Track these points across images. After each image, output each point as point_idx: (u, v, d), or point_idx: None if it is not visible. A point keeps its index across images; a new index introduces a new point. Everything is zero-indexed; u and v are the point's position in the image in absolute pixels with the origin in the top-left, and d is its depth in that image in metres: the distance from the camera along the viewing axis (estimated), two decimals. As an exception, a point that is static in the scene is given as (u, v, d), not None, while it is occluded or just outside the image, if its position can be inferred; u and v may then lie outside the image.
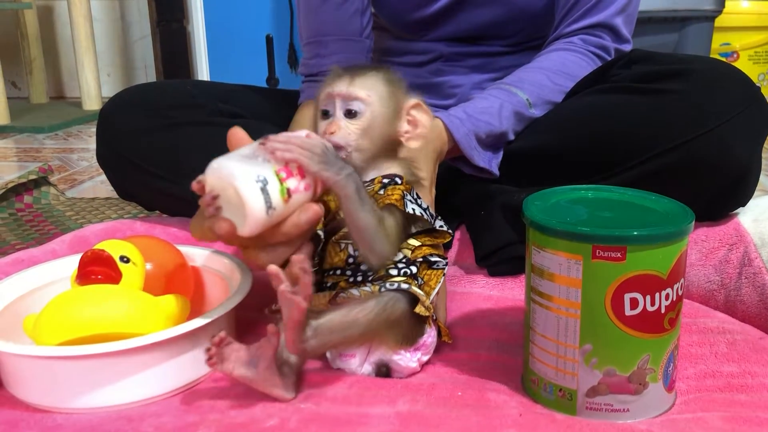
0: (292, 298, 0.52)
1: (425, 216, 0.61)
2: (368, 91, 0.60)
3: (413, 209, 0.60)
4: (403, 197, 0.59)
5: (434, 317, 0.63)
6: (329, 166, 0.55)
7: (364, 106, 0.60)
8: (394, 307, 0.57)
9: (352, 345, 0.60)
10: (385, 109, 0.60)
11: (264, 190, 0.53)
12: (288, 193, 0.54)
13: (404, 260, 0.61)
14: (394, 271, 0.60)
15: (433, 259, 0.62)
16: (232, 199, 0.54)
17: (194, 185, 0.56)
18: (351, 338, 0.58)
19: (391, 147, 0.62)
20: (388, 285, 0.59)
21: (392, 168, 0.62)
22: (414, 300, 0.59)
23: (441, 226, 0.64)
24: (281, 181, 0.54)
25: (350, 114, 0.60)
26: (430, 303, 0.61)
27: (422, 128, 0.62)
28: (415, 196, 0.62)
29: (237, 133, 0.59)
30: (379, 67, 0.63)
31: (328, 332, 0.56)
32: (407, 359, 0.61)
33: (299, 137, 0.56)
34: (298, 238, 0.57)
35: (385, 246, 0.57)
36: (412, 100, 0.62)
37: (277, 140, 0.55)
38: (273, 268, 0.52)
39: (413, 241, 0.62)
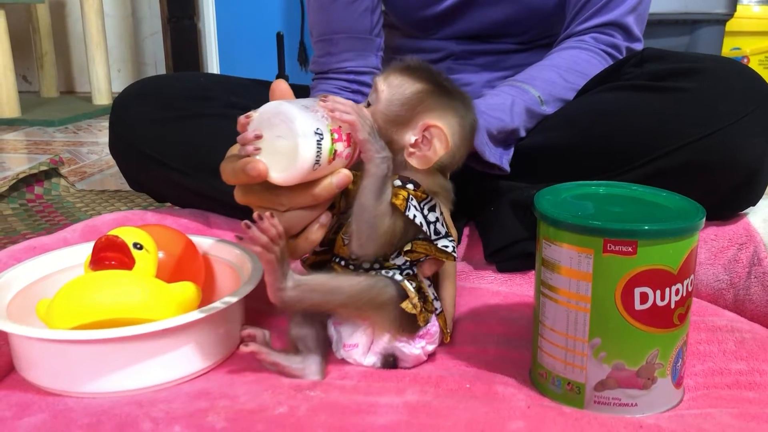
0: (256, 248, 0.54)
1: (424, 227, 0.59)
2: (386, 86, 0.60)
3: (414, 215, 0.58)
4: (407, 200, 0.58)
5: (437, 310, 0.63)
6: (374, 142, 0.56)
7: (376, 98, 0.60)
8: (382, 291, 0.58)
9: (332, 311, 0.61)
10: (389, 109, 0.60)
11: (319, 143, 0.53)
12: (334, 155, 0.55)
13: (407, 263, 0.61)
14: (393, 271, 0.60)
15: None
16: (278, 144, 0.54)
17: (242, 118, 0.56)
18: (332, 303, 0.58)
19: (396, 152, 0.60)
20: (383, 273, 0.59)
21: (418, 175, 0.61)
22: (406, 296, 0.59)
23: (446, 246, 0.61)
24: (333, 141, 0.55)
25: (368, 104, 0.61)
26: (434, 297, 0.62)
27: (432, 153, 0.59)
28: (424, 207, 0.60)
29: (281, 84, 0.59)
30: (428, 79, 0.60)
31: (309, 289, 0.57)
32: (410, 346, 0.61)
33: (356, 105, 0.57)
34: (323, 203, 0.57)
35: (373, 240, 0.57)
36: (436, 120, 0.59)
37: (338, 101, 0.56)
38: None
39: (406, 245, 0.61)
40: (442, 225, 0.61)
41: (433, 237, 0.60)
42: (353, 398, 0.56)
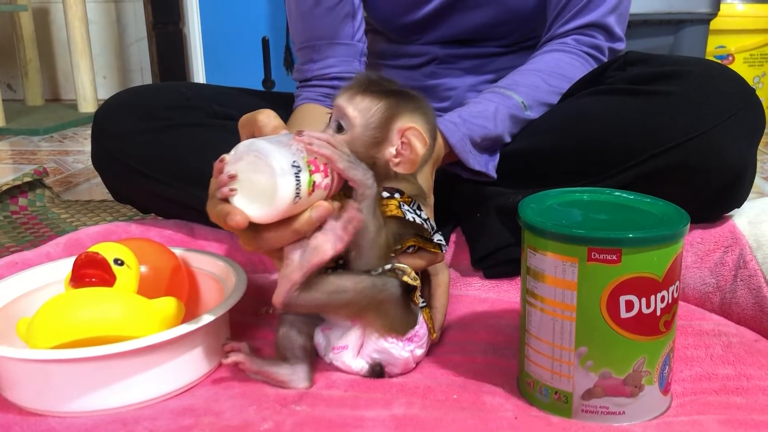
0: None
1: (425, 225, 0.61)
2: (357, 113, 0.59)
3: (413, 218, 0.60)
4: (399, 207, 0.59)
5: (421, 303, 0.63)
6: (356, 167, 0.56)
7: (349, 125, 0.60)
8: (384, 287, 0.58)
9: (336, 311, 0.60)
10: (367, 134, 0.59)
11: (297, 177, 0.53)
12: (313, 187, 0.54)
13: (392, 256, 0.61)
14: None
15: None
16: (256, 181, 0.53)
17: (217, 163, 0.56)
18: (337, 303, 0.58)
19: (382, 168, 0.60)
20: (373, 272, 0.59)
21: (400, 183, 0.62)
22: (404, 287, 0.60)
23: (439, 240, 0.63)
24: (311, 173, 0.54)
25: (339, 128, 0.60)
26: (423, 299, 0.62)
27: (414, 154, 0.60)
28: (416, 208, 0.62)
29: (260, 115, 0.58)
30: (388, 92, 0.60)
31: (317, 289, 0.56)
32: (399, 348, 0.61)
33: (329, 137, 0.57)
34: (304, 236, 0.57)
35: (374, 255, 0.58)
36: (408, 123, 0.60)
37: (312, 134, 0.55)
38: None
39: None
40: (432, 222, 0.64)
41: (432, 233, 0.62)
42: (339, 412, 0.56)
